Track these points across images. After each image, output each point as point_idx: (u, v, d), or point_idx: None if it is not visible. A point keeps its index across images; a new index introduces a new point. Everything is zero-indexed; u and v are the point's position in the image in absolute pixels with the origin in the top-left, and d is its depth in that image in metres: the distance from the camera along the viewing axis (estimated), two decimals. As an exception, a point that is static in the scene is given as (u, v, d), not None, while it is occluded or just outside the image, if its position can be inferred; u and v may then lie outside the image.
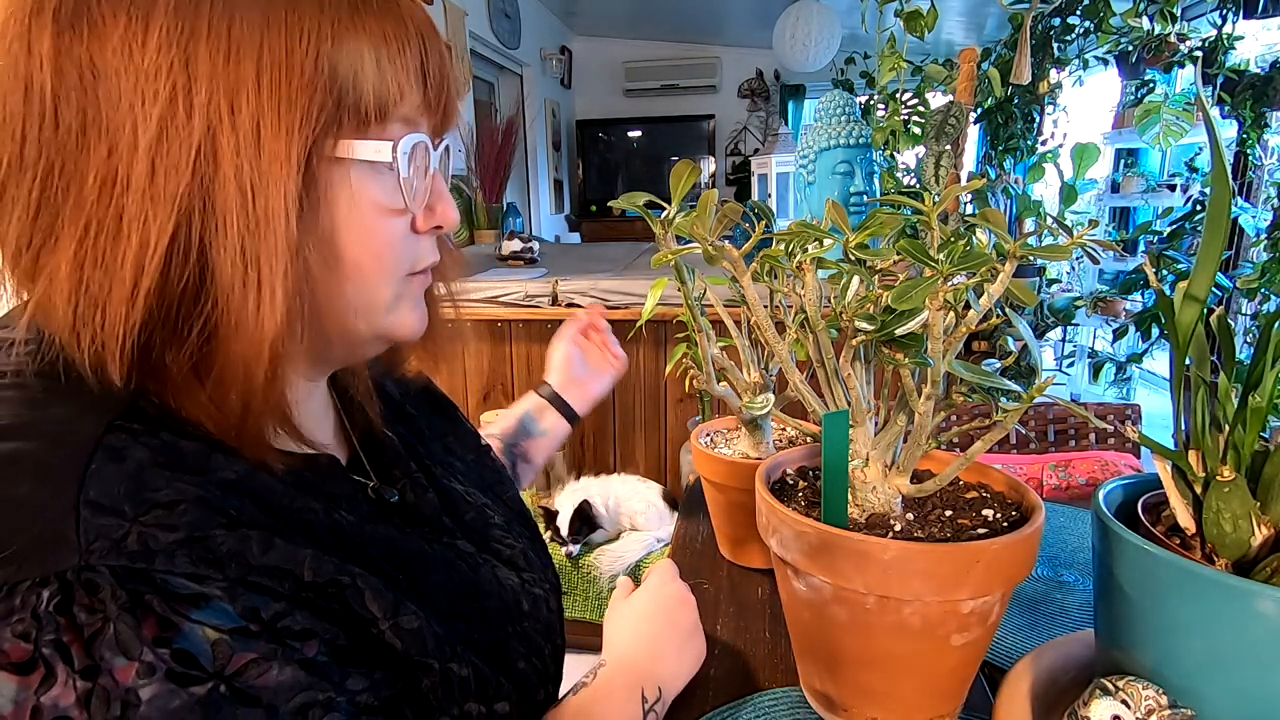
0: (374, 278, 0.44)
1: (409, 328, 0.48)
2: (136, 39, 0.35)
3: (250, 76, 0.36)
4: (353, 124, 0.40)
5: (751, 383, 0.77)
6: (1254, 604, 0.36)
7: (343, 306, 0.43)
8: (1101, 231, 3.81)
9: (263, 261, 0.37)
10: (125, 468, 0.35)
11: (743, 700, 0.60)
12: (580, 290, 2.12)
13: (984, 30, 4.29)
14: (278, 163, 0.37)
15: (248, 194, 0.36)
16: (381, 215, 0.43)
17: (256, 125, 0.36)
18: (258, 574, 0.36)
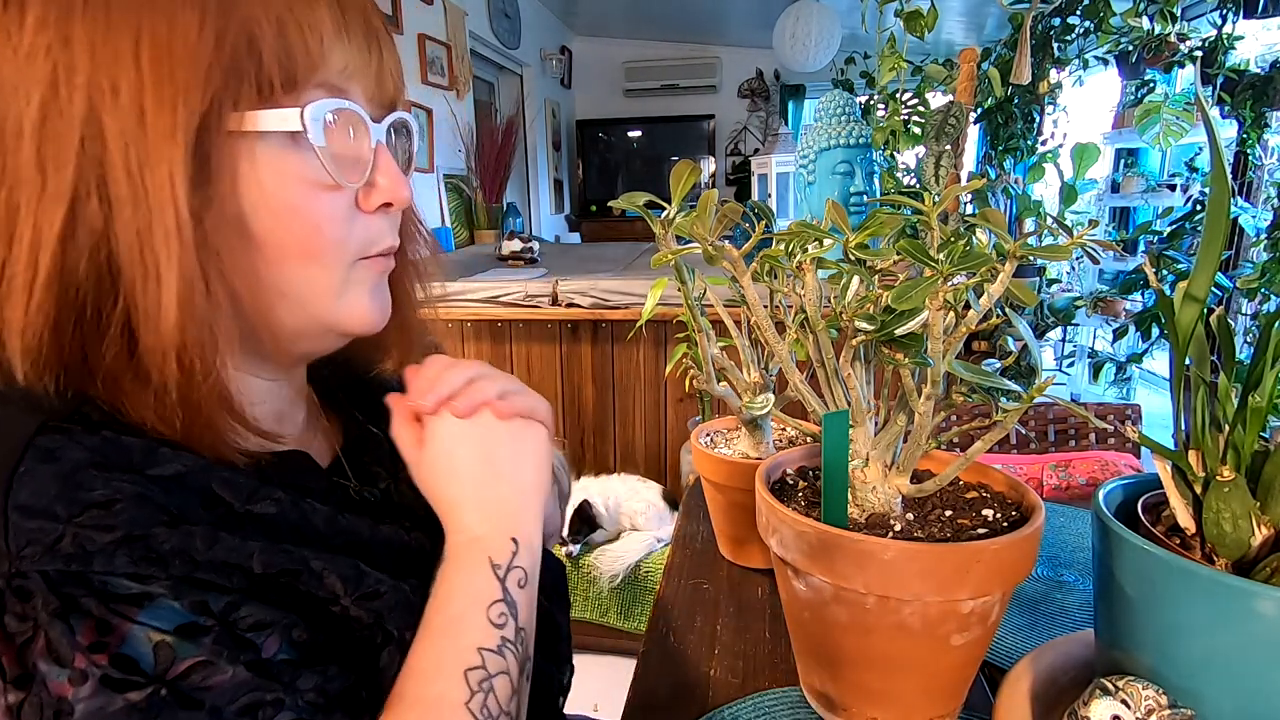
0: (307, 261, 0.41)
1: (364, 318, 0.45)
2: (14, 21, 0.34)
3: (129, 52, 0.34)
4: (254, 94, 0.37)
5: (751, 383, 0.77)
6: (1254, 604, 0.36)
7: (271, 293, 0.40)
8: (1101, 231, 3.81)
9: (158, 248, 0.35)
10: (58, 468, 0.33)
11: (743, 700, 0.60)
12: (580, 290, 2.12)
13: (984, 30, 4.29)
14: (164, 141, 0.34)
15: (135, 176, 0.34)
16: (306, 192, 0.39)
17: (140, 103, 0.34)
18: (204, 569, 0.35)
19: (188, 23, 0.35)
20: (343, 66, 0.41)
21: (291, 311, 0.42)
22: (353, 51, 0.41)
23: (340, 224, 0.41)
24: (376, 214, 0.44)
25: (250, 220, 0.38)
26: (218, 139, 0.36)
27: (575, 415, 2.25)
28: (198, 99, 0.35)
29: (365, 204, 0.43)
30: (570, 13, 5.14)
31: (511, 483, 0.46)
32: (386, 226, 0.45)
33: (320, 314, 0.43)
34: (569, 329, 2.17)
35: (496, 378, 0.49)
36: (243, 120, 0.37)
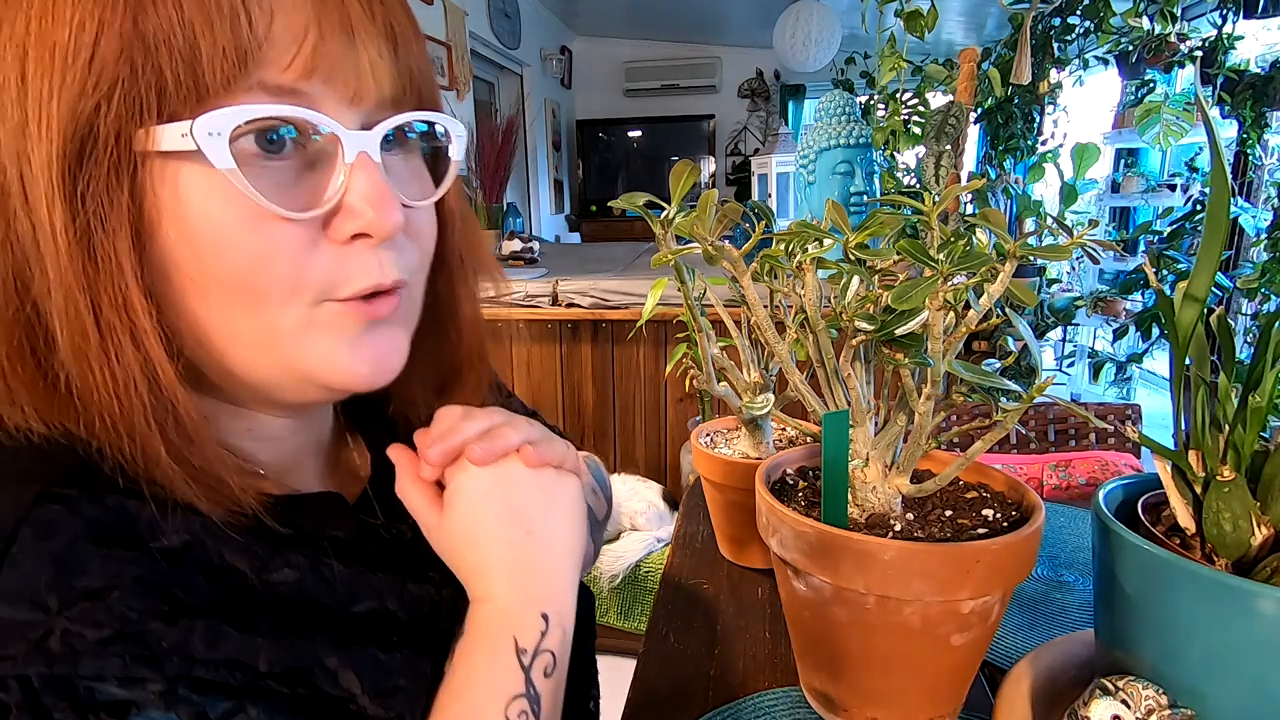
0: (251, 303, 0.34)
1: (343, 373, 0.37)
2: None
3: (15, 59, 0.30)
4: (157, 104, 0.30)
5: (751, 383, 0.77)
6: (1254, 604, 0.36)
7: (220, 338, 0.35)
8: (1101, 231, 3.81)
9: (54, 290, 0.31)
10: (53, 546, 0.30)
11: (743, 700, 0.60)
12: (580, 290, 2.12)
13: (984, 30, 4.29)
14: (43, 167, 0.30)
15: (30, 209, 0.30)
16: (241, 221, 0.32)
17: (22, 120, 0.30)
18: (204, 668, 0.31)
19: (68, 19, 0.29)
20: (286, 65, 0.32)
21: (252, 360, 0.36)
22: (307, 42, 0.32)
23: (289, 258, 0.34)
24: (354, 244, 0.35)
25: (176, 254, 0.32)
26: (115, 163, 0.30)
27: (575, 415, 2.25)
28: (75, 116, 0.30)
29: (334, 232, 0.35)
30: (570, 13, 5.14)
31: (544, 544, 0.41)
32: (368, 262, 0.36)
33: (287, 365, 0.36)
34: (569, 329, 2.17)
35: (519, 424, 0.43)
36: (147, 138, 0.31)
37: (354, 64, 0.34)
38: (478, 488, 0.41)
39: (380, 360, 0.39)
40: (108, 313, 0.31)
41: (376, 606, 0.40)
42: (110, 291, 0.31)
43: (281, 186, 0.33)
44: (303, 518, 0.41)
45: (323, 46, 0.33)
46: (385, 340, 0.39)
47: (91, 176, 0.30)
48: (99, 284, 0.31)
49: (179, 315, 0.34)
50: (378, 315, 0.38)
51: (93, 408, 0.32)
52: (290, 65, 0.32)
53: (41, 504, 0.31)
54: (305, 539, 0.40)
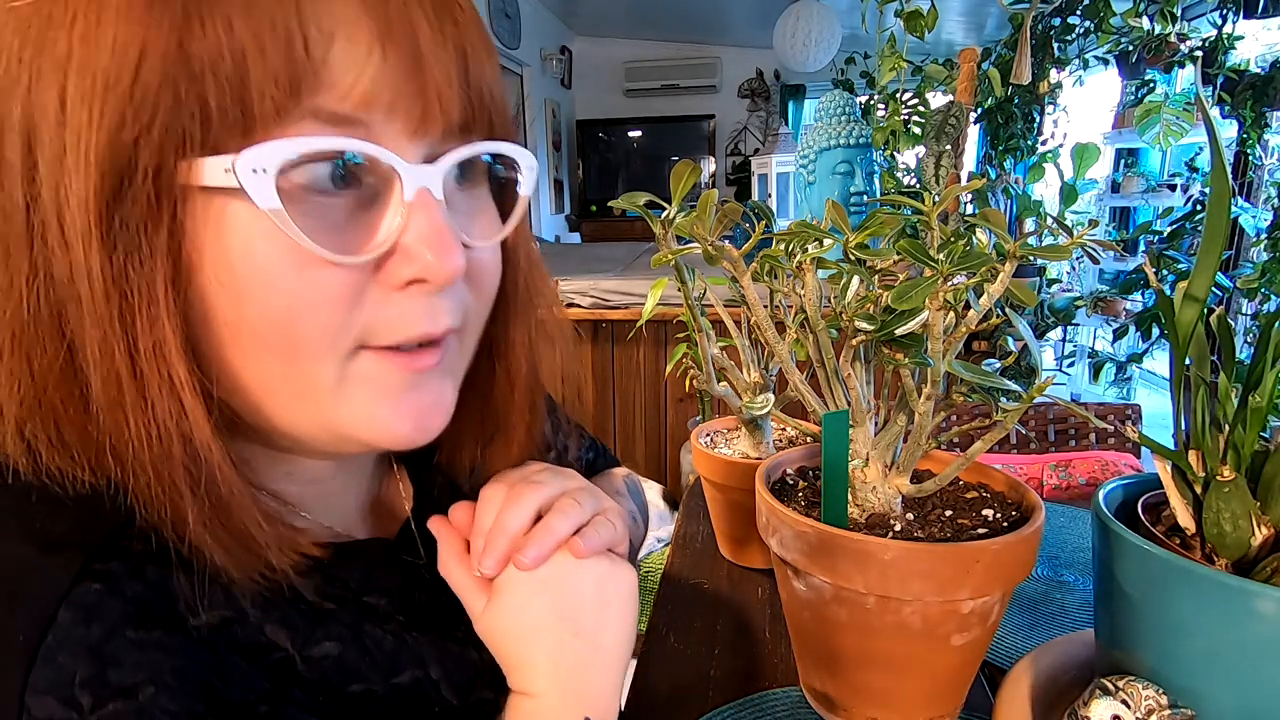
0: (287, 352, 0.31)
1: (387, 434, 0.35)
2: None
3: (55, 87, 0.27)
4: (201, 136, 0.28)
5: (751, 383, 0.77)
6: (1254, 604, 0.36)
7: (254, 389, 0.32)
8: (1101, 231, 3.81)
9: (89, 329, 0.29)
10: (90, 635, 0.28)
11: (743, 700, 0.60)
12: (580, 290, 2.12)
13: (984, 30, 4.29)
14: (80, 203, 0.27)
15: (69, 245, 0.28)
16: (285, 264, 0.30)
17: (60, 154, 0.28)
18: None
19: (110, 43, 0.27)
20: (344, 94, 0.29)
21: (289, 414, 0.33)
22: (369, 68, 0.29)
23: (335, 305, 0.31)
24: (408, 289, 0.32)
25: (215, 298, 0.30)
26: (156, 197, 0.28)
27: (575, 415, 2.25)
28: (115, 146, 0.27)
29: (387, 276, 0.32)
30: (570, 13, 5.14)
31: (593, 644, 0.39)
32: (423, 310, 0.33)
33: (325, 421, 0.34)
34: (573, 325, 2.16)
35: (568, 509, 0.40)
36: (190, 171, 0.28)
37: (420, 91, 0.31)
38: (527, 583, 0.39)
39: (424, 416, 0.36)
40: (143, 360, 0.29)
41: (419, 675, 0.39)
42: (146, 337, 0.29)
43: (331, 226, 0.31)
44: (349, 572, 0.39)
45: (386, 71, 0.30)
46: (431, 394, 0.36)
47: (129, 214, 0.28)
48: (135, 329, 0.29)
49: (216, 363, 0.31)
50: (421, 367, 0.35)
51: (128, 460, 0.30)
52: (349, 92, 0.29)
53: (83, 581, 0.29)
54: (350, 597, 0.38)
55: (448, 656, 0.41)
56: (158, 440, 0.30)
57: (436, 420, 0.37)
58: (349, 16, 0.29)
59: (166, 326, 0.29)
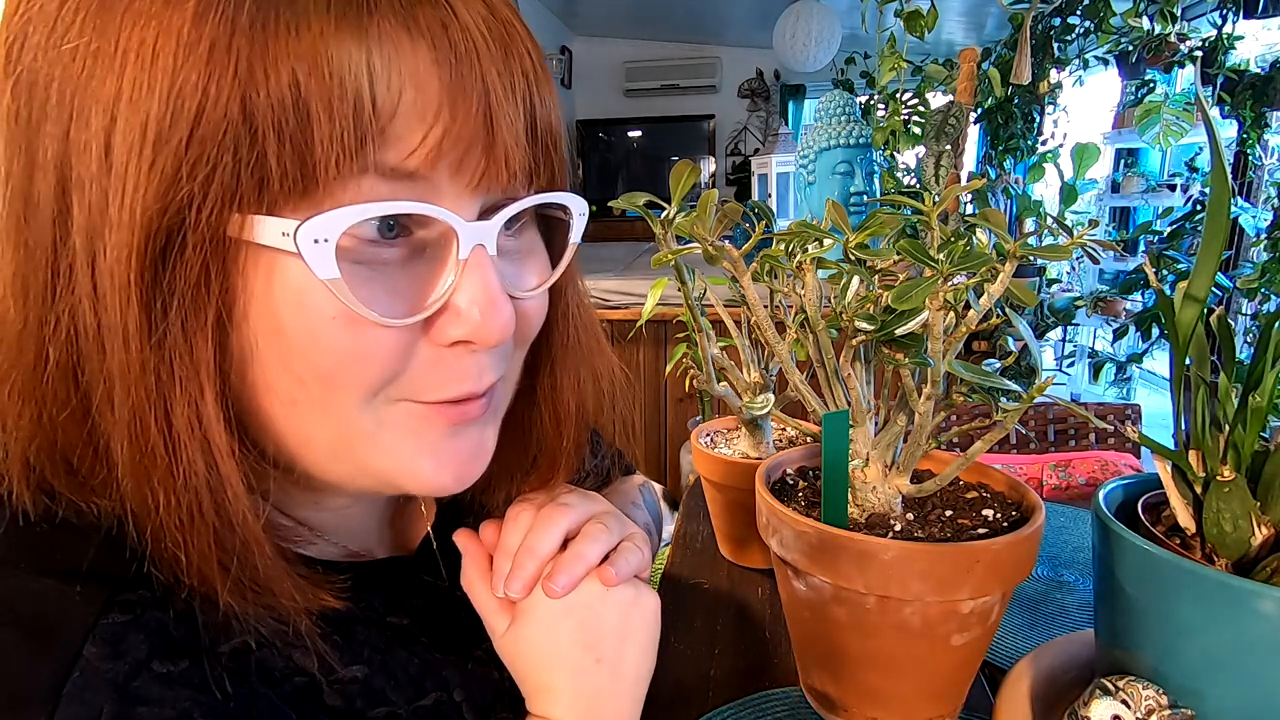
0: (326, 401, 0.30)
1: (429, 483, 0.34)
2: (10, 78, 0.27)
3: (100, 129, 0.26)
4: (257, 192, 0.26)
5: (751, 383, 0.77)
6: (1254, 604, 0.36)
7: (295, 440, 0.32)
8: (1101, 231, 3.81)
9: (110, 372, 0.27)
10: (115, 671, 0.28)
11: (743, 700, 0.60)
12: (580, 290, 2.12)
13: (984, 30, 4.29)
14: (123, 247, 0.26)
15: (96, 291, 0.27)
16: (336, 323, 0.29)
17: (104, 197, 0.26)
18: None
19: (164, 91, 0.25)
20: (408, 153, 0.28)
21: (326, 462, 0.33)
22: (437, 127, 0.28)
23: (383, 363, 0.30)
24: (454, 349, 0.32)
25: (259, 348, 0.29)
26: (204, 246, 0.27)
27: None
28: (166, 199, 0.26)
29: (436, 334, 0.32)
30: (570, 13, 5.14)
31: (614, 672, 0.39)
32: (470, 368, 0.33)
33: (364, 469, 0.33)
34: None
35: (597, 535, 0.40)
36: (242, 225, 0.27)
37: (487, 148, 0.30)
38: (552, 608, 0.38)
39: (464, 465, 0.36)
40: (179, 427, 0.28)
41: (443, 699, 0.39)
42: (184, 403, 0.28)
43: (384, 286, 0.30)
44: (373, 594, 0.39)
45: (454, 130, 0.29)
46: (471, 443, 0.36)
47: (174, 272, 0.27)
48: (172, 394, 0.27)
49: (252, 415, 0.31)
50: (466, 418, 0.34)
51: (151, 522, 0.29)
52: (415, 151, 0.28)
53: (109, 612, 0.29)
54: (375, 619, 0.39)
55: (470, 679, 0.41)
56: (189, 511, 0.29)
57: (476, 468, 0.36)
58: (419, 71, 0.28)
59: (207, 392, 0.28)
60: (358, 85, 0.26)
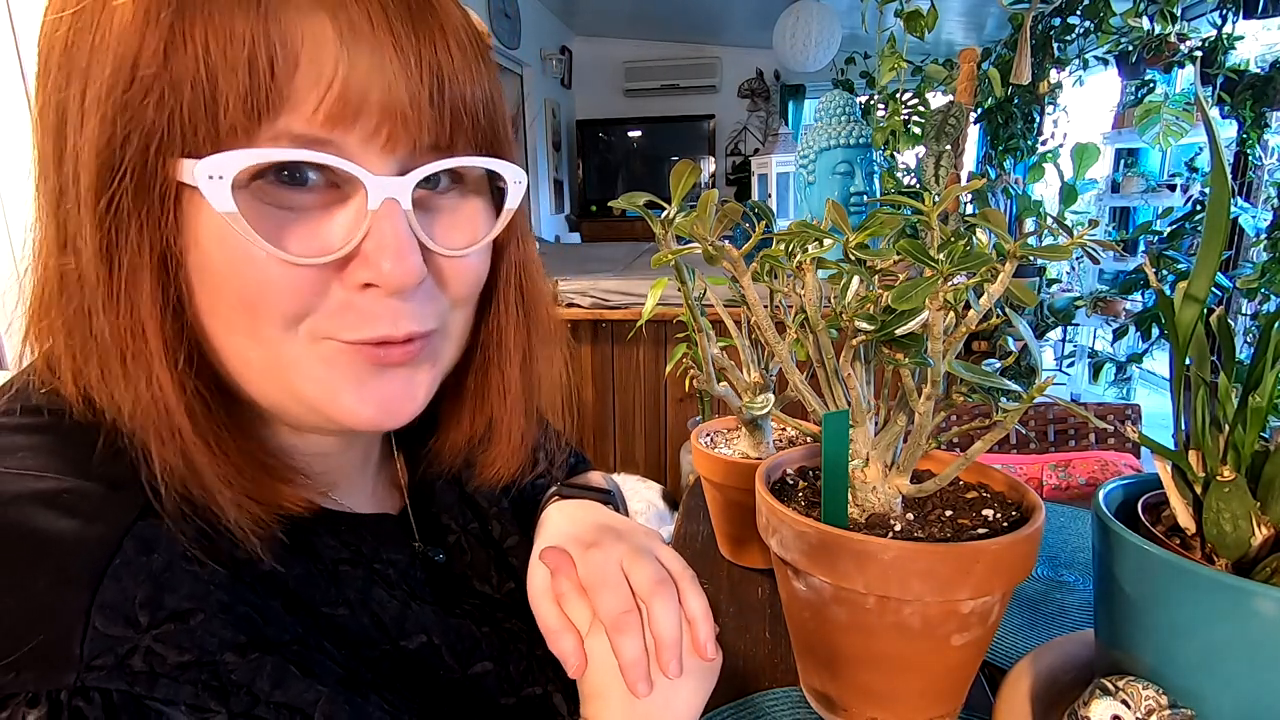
0: (251, 329, 0.34)
1: (351, 413, 0.37)
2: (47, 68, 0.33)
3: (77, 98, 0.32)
4: (181, 139, 0.31)
5: (751, 383, 0.77)
6: (1254, 604, 0.36)
7: (235, 361, 0.35)
8: (1101, 231, 3.81)
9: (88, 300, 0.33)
10: (152, 563, 0.32)
11: (743, 700, 0.60)
12: (580, 290, 2.12)
13: (984, 30, 4.29)
14: (84, 188, 0.31)
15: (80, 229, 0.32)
16: (244, 257, 0.33)
17: (76, 156, 0.32)
18: (266, 709, 0.32)
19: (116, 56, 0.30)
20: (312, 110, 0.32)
21: (262, 386, 0.36)
22: (335, 86, 0.32)
23: (291, 297, 0.34)
24: (366, 292, 0.35)
25: (193, 279, 0.33)
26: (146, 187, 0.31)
27: (575, 415, 2.25)
28: (107, 143, 0.31)
29: (346, 279, 0.35)
30: (570, 13, 5.14)
31: (664, 701, 0.41)
32: (382, 312, 0.36)
33: (292, 393, 0.36)
34: (569, 329, 2.16)
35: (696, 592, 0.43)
36: (173, 168, 0.32)
37: (386, 109, 0.33)
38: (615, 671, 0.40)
39: (389, 404, 0.38)
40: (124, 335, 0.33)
41: (424, 641, 0.42)
42: (127, 314, 0.32)
43: (292, 229, 0.33)
44: (361, 539, 0.42)
45: (350, 93, 0.32)
46: (399, 385, 0.38)
47: (122, 207, 0.31)
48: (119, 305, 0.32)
49: (201, 340, 0.35)
50: (388, 361, 0.37)
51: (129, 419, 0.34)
52: (315, 113, 0.32)
53: (145, 516, 0.33)
54: (362, 560, 0.41)
55: (448, 627, 0.44)
56: (143, 407, 0.33)
57: (405, 409, 0.39)
58: (316, 40, 0.31)
59: (145, 305, 0.32)
60: (253, 51, 0.30)
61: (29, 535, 0.31)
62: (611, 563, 0.42)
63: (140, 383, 0.33)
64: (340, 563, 0.41)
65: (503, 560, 0.53)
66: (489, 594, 0.51)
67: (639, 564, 0.42)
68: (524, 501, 0.61)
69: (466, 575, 0.50)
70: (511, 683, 0.46)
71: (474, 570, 0.51)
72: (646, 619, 0.41)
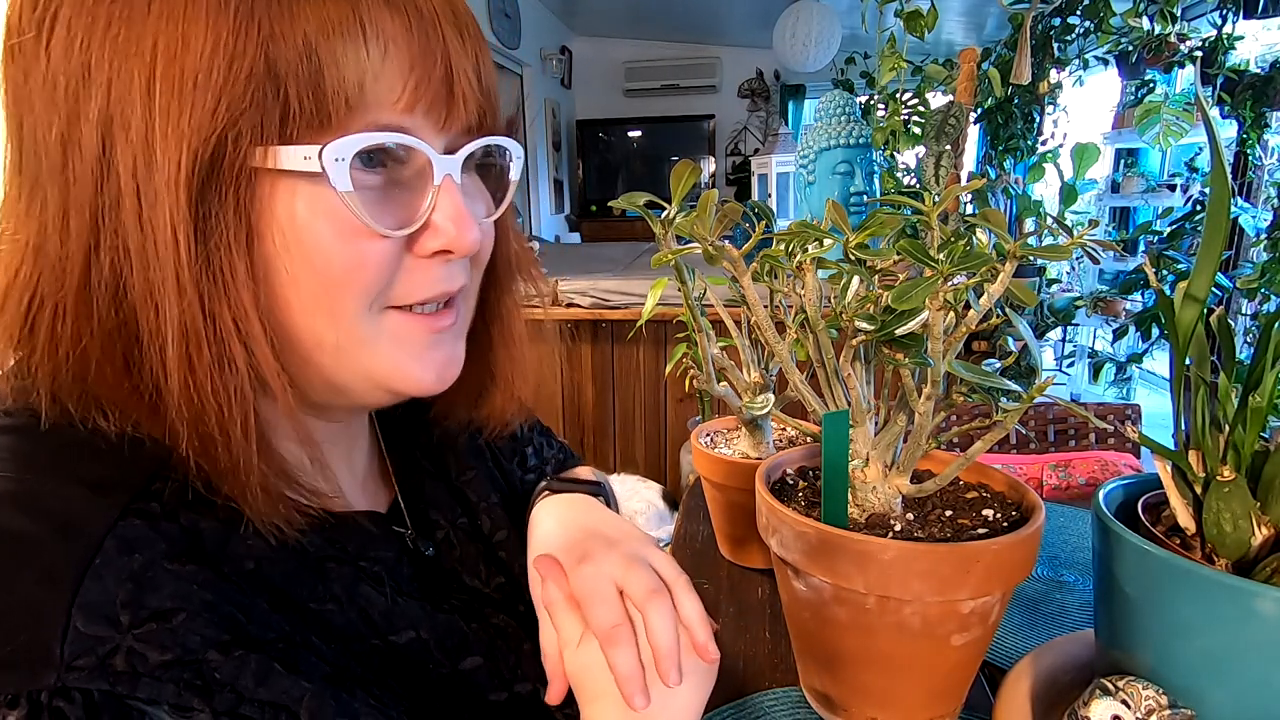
0: (334, 309, 0.36)
1: (412, 382, 0.40)
2: (42, 48, 0.32)
3: (142, 78, 0.31)
4: (276, 126, 0.33)
5: (751, 383, 0.77)
6: (1254, 604, 0.36)
7: (311, 342, 0.37)
8: (1101, 231, 3.81)
9: (162, 301, 0.32)
10: (132, 563, 0.32)
11: (743, 700, 0.60)
12: (580, 290, 2.12)
13: (984, 30, 4.29)
14: (168, 184, 0.32)
15: (145, 221, 0.32)
16: (342, 234, 0.35)
17: (148, 138, 0.32)
18: (250, 706, 0.32)
19: (200, 47, 0.31)
20: (396, 98, 0.35)
21: (333, 363, 0.38)
22: (413, 78, 0.35)
23: (378, 270, 0.37)
24: (433, 260, 0.39)
25: (279, 261, 0.35)
26: (236, 178, 0.33)
27: (575, 415, 2.25)
28: (205, 137, 0.32)
29: (419, 248, 0.38)
30: (570, 13, 5.14)
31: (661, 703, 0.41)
32: (441, 274, 0.40)
33: (362, 368, 0.39)
34: (569, 329, 2.17)
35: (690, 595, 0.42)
36: (266, 156, 0.33)
37: (448, 95, 0.37)
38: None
39: (444, 369, 0.42)
40: (223, 322, 0.33)
41: (413, 636, 0.42)
42: (226, 301, 0.33)
43: (379, 206, 0.36)
44: (347, 537, 0.43)
45: (425, 82, 0.36)
46: (448, 351, 0.43)
47: (215, 194, 0.33)
48: (215, 295, 0.33)
49: (274, 324, 0.36)
50: (441, 328, 0.41)
51: (185, 416, 0.34)
52: (398, 100, 0.35)
53: (126, 517, 0.33)
54: (348, 559, 0.42)
55: (436, 622, 0.44)
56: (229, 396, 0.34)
57: (452, 372, 0.43)
58: (396, 35, 0.35)
59: (245, 293, 0.34)
60: (355, 42, 0.33)
61: (7, 538, 0.31)
62: (603, 576, 0.42)
63: (237, 360, 0.34)
64: (327, 559, 0.41)
65: (492, 555, 0.53)
66: (478, 588, 0.51)
67: (632, 574, 0.42)
68: (515, 496, 0.61)
69: (456, 570, 0.51)
70: (501, 678, 0.47)
71: (463, 565, 0.51)
72: (644, 628, 0.41)
